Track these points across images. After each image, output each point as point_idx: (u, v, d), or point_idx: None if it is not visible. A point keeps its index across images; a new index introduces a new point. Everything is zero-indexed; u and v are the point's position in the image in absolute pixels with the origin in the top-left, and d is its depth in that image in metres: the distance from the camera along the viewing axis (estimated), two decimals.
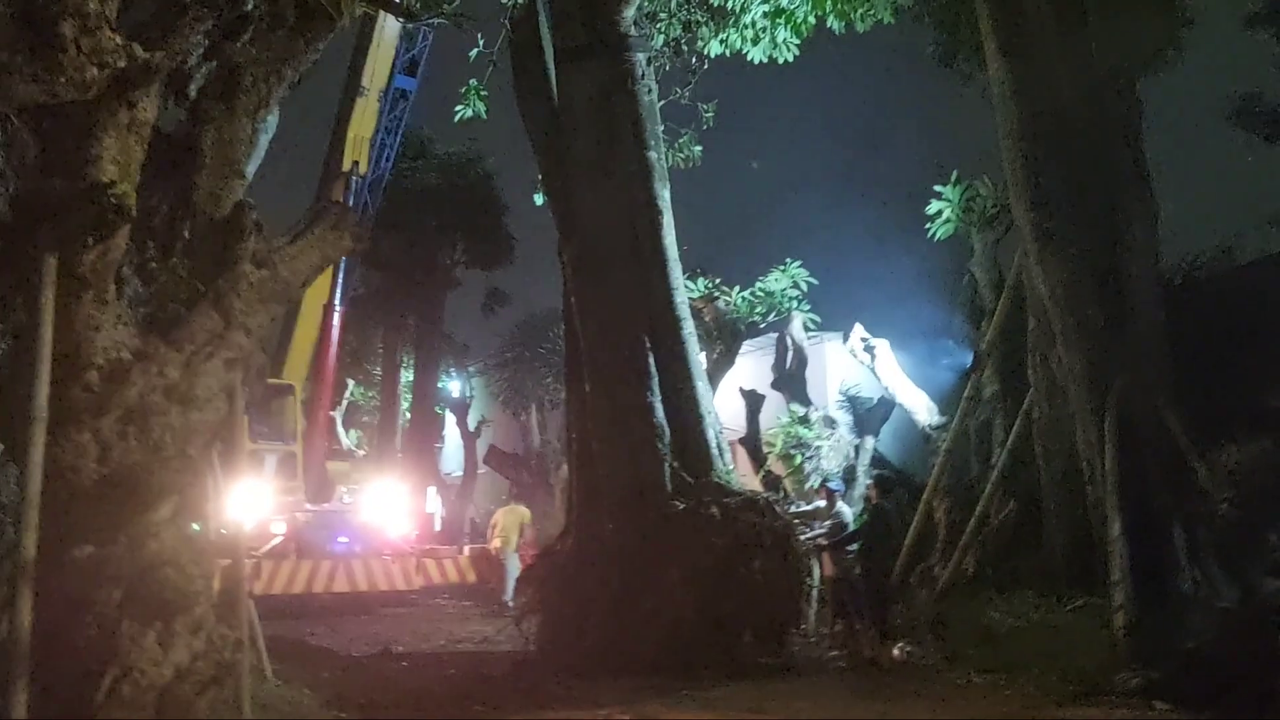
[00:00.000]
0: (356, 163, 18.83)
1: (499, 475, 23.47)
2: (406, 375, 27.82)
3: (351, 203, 18.28)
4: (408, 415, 27.16)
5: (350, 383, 29.00)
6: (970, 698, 8.14)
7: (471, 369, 27.61)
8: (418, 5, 11.41)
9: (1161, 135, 11.31)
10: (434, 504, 24.41)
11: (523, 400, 25.71)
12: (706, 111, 14.49)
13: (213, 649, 4.48)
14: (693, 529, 10.93)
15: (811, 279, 15.02)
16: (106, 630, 4.13)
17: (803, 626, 11.17)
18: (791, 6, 11.60)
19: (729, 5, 12.23)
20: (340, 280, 19.19)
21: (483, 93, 13.05)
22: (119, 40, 3.55)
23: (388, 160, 19.90)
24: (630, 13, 12.40)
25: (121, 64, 3.54)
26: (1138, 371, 9.72)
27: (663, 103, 14.23)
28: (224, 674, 4.49)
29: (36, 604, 3.80)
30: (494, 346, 27.86)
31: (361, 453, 27.09)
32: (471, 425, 24.88)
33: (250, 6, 4.44)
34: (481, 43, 12.28)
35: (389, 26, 18.87)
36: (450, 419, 27.67)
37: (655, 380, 12.23)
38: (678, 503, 11.27)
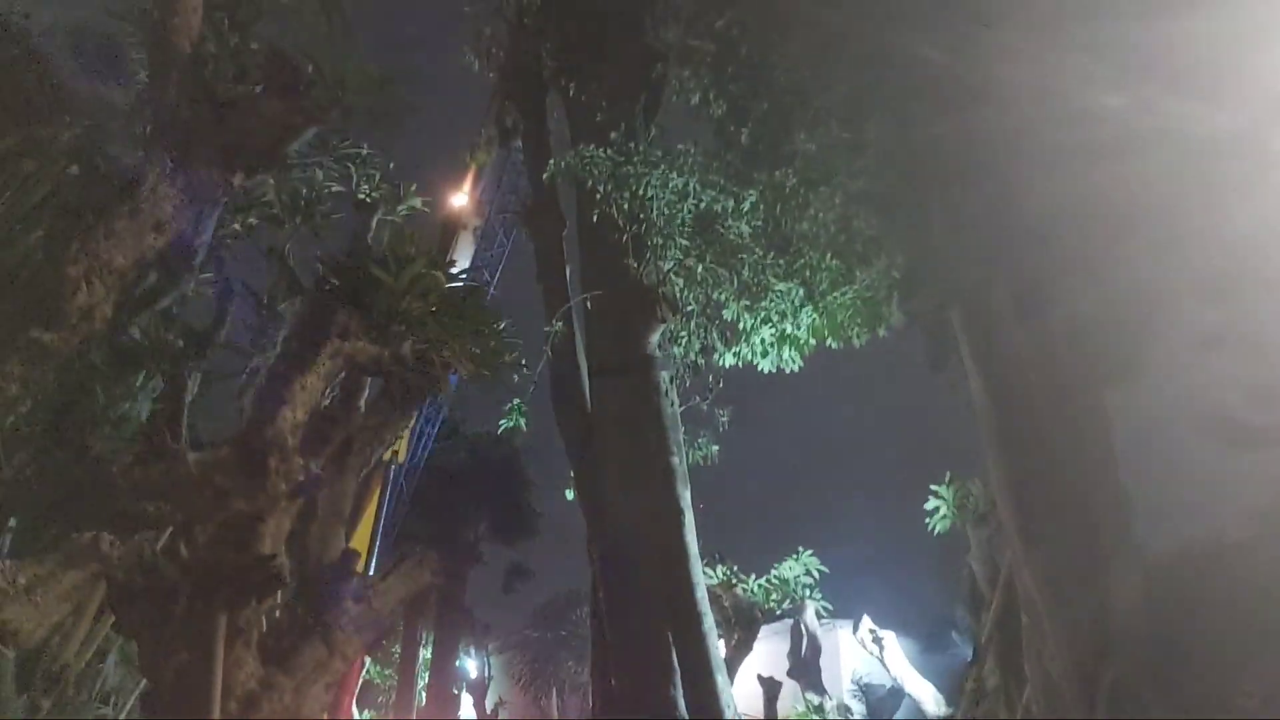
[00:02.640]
0: (396, 452, 20.24)
1: None
2: (425, 653, 27.94)
3: (389, 490, 19.55)
4: (424, 696, 27.03)
5: (367, 660, 29.09)
6: None
7: (490, 648, 27.76)
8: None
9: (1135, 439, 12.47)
10: None
11: (543, 683, 25.73)
12: (723, 416, 16.16)
13: None
14: None
15: (823, 567, 15.94)
16: None
17: None
18: (794, 332, 13.27)
19: (741, 327, 14.01)
20: (373, 564, 20.03)
21: (524, 409, 14.72)
22: (301, 462, 4.82)
23: (424, 449, 21.36)
24: (656, 337, 14.31)
25: (301, 479, 4.80)
26: (1124, 666, 10.35)
27: (683, 408, 15.95)
28: None
29: None
30: (514, 625, 28.17)
31: None
32: (489, 707, 24.80)
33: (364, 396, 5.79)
34: (525, 365, 14.04)
35: None
36: (467, 700, 27.49)
37: (677, 675, 13.00)
38: None
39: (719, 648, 13.74)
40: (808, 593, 15.54)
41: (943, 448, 15.42)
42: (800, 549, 16.06)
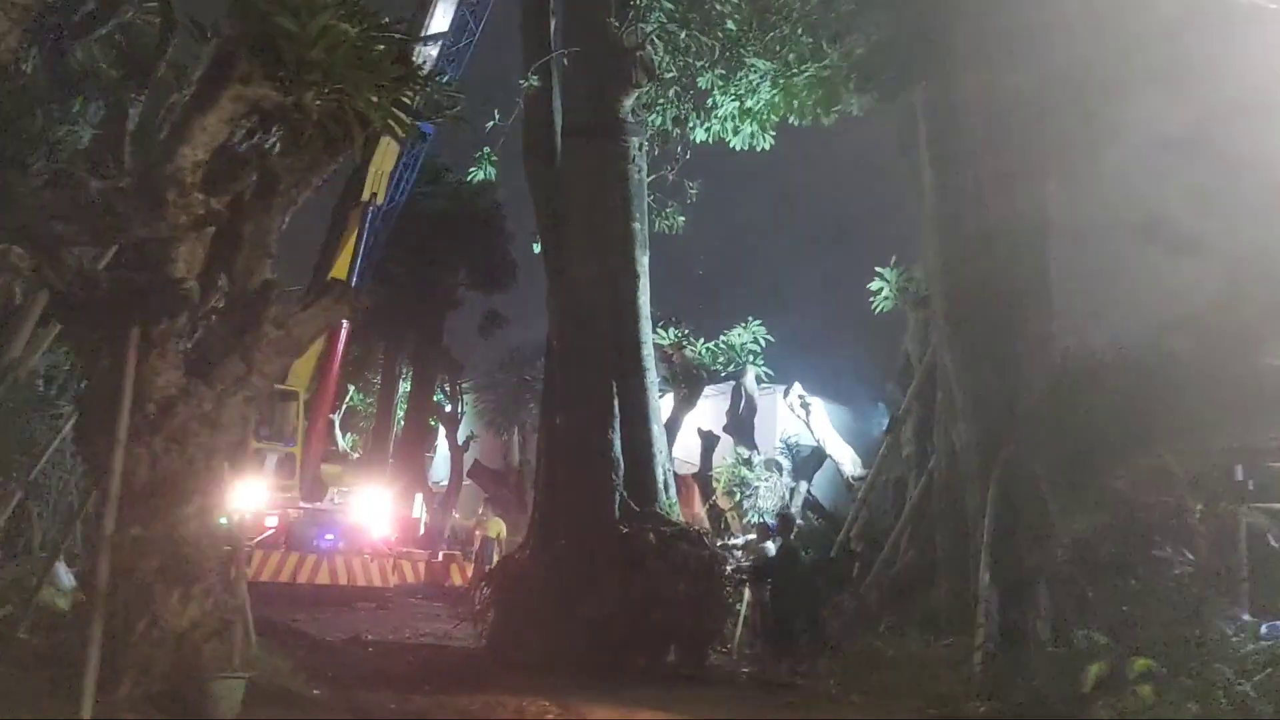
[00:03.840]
0: (375, 194, 20.54)
1: (480, 488, 25.11)
2: (405, 386, 29.48)
3: (365, 229, 20.06)
4: (402, 424, 28.79)
5: (351, 388, 30.76)
6: (839, 711, 9.67)
7: (464, 386, 29.25)
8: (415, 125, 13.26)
9: (1072, 239, 12.83)
10: (420, 510, 26.06)
11: (506, 421, 27.37)
12: (691, 188, 16.42)
13: (217, 610, 6.12)
14: (631, 551, 12.64)
15: (769, 337, 16.77)
16: (145, 589, 5.76)
17: (727, 645, 12.74)
18: (756, 107, 13.27)
19: (710, 101, 14.00)
20: None
21: (493, 159, 14.91)
22: (200, 197, 5.21)
23: (403, 193, 21.63)
24: (630, 102, 14.32)
25: (201, 212, 5.20)
26: (1021, 445, 11.28)
27: (653, 177, 16.18)
28: (224, 629, 6.13)
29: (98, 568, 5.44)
30: (488, 367, 29.56)
31: (355, 455, 28.80)
32: (460, 440, 26.52)
33: (273, 141, 6.12)
34: (497, 116, 14.10)
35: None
36: (442, 431, 29.31)
37: (617, 420, 14.00)
38: (622, 527, 12.99)
39: (658, 400, 14.71)
40: (751, 359, 16.42)
41: (898, 235, 15.78)
42: (750, 318, 16.85)
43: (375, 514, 19.57)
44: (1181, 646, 8.49)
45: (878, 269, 14.68)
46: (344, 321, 20.72)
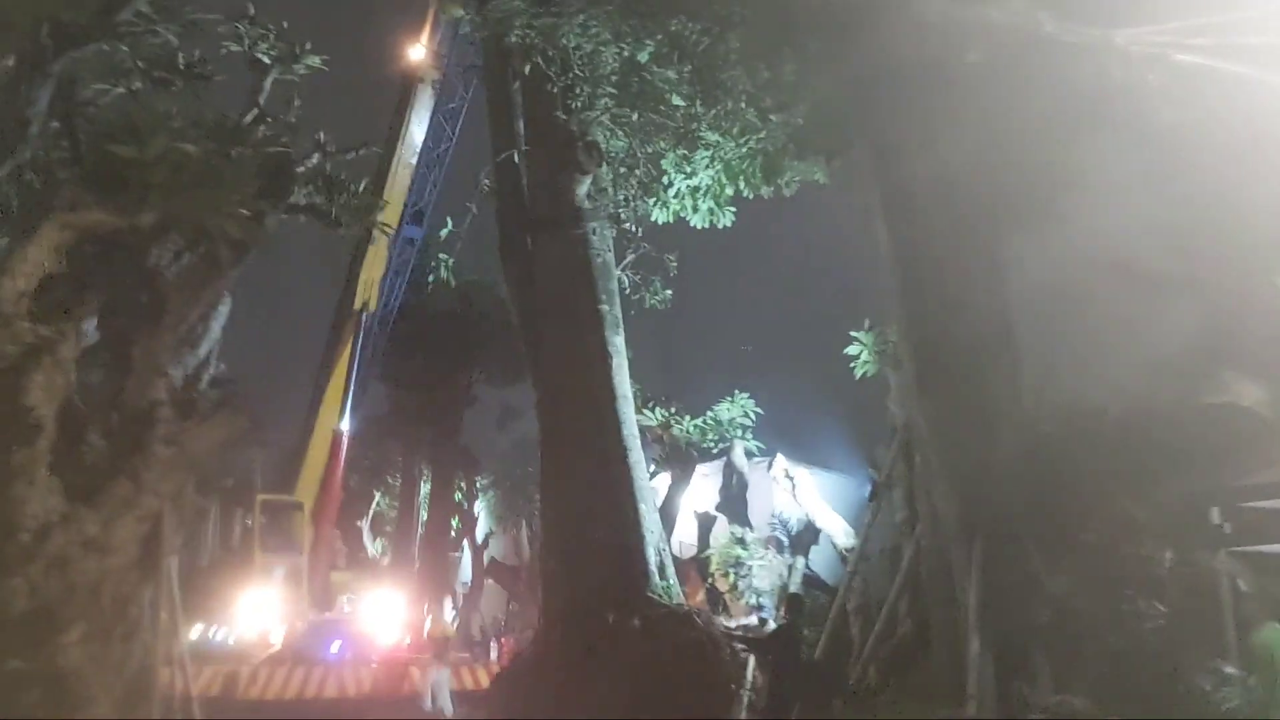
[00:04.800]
0: (366, 302, 20.95)
1: (500, 586, 24.83)
2: (426, 487, 29.51)
3: (361, 338, 20.41)
4: (424, 525, 28.74)
5: (376, 494, 31.02)
6: None
7: (481, 482, 29.21)
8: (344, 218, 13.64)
9: (1036, 288, 12.59)
10: (449, 613, 25.82)
11: (514, 516, 27.19)
12: (672, 262, 16.57)
13: None
14: (622, 637, 12.47)
15: (758, 409, 16.54)
16: None
17: None
18: (704, 184, 13.37)
19: (660, 182, 14.17)
20: (347, 407, 21.06)
21: (449, 263, 15.32)
22: (28, 325, 5.32)
23: (396, 298, 22.04)
24: (582, 190, 14.61)
25: (30, 340, 5.31)
26: (1001, 505, 10.89)
27: (633, 256, 16.35)
28: None
29: None
30: (504, 462, 29.49)
31: (385, 559, 28.87)
32: (480, 537, 26.37)
33: (152, 260, 6.23)
34: (450, 225, 14.52)
35: (399, 181, 21.22)
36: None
37: (602, 506, 13.95)
38: (609, 616, 12.84)
39: (647, 482, 14.56)
40: (740, 433, 16.19)
41: (874, 297, 15.60)
42: (736, 391, 16.65)
43: (385, 620, 19.38)
44: (1164, 706, 8.03)
45: (853, 333, 14.48)
46: (343, 430, 20.96)
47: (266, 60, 11.17)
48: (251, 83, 11.15)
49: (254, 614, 17.24)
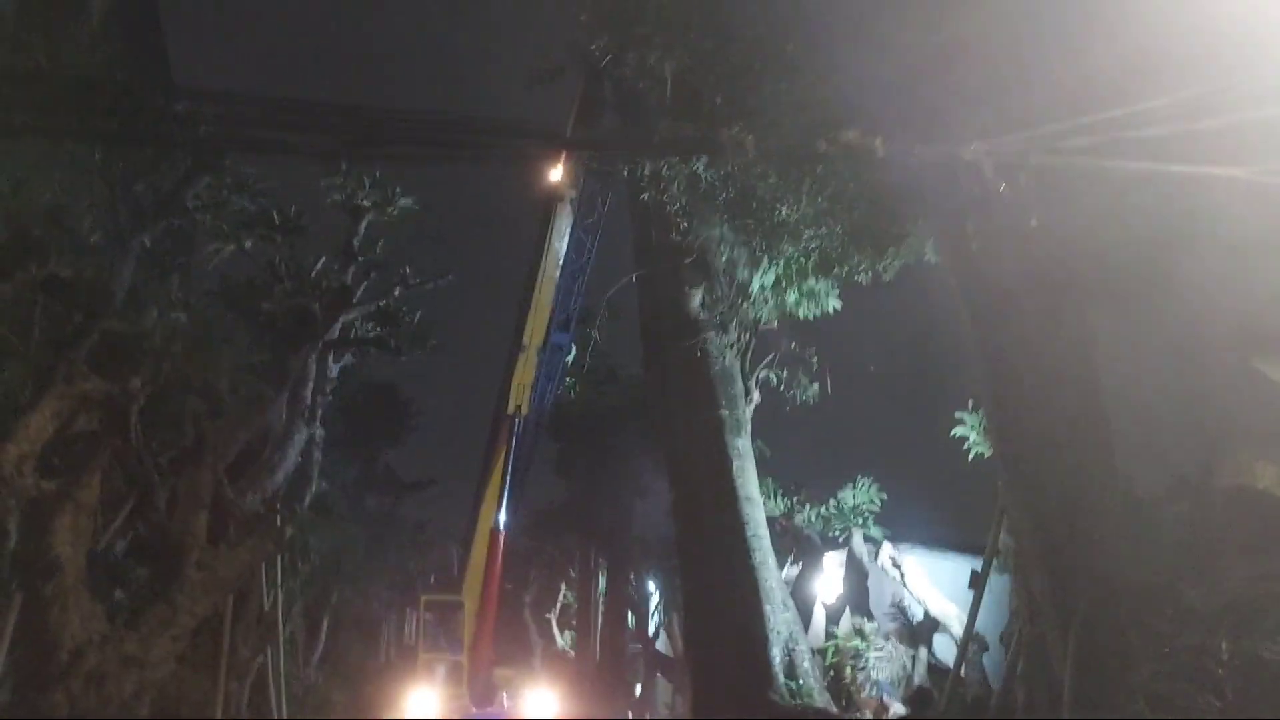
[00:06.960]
0: (519, 406, 22.11)
1: (666, 680, 24.87)
2: (603, 579, 30.25)
3: (515, 440, 21.56)
4: (602, 618, 29.36)
5: (563, 587, 32.17)
6: None
7: (653, 572, 29.61)
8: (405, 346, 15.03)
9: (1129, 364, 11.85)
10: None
11: (673, 607, 27.22)
12: (813, 358, 16.86)
13: None
14: None
15: (883, 494, 16.14)
16: None
17: None
18: (773, 280, 13.63)
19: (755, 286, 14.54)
20: (503, 505, 22.10)
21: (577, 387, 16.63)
22: (32, 480, 6.41)
23: (549, 402, 23.10)
24: (695, 302, 15.69)
25: (33, 494, 6.39)
26: (1095, 591, 10.19)
27: (771, 356, 16.81)
28: None
29: None
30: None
31: (571, 652, 29.75)
32: (651, 630, 26.63)
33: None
34: (575, 350, 15.73)
35: (545, 291, 22.47)
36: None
37: (729, 607, 14.52)
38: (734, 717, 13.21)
39: (774, 581, 14.67)
40: (863, 520, 15.81)
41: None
42: (859, 477, 16.32)
43: (543, 715, 19.91)
44: None
45: (958, 413, 13.95)
46: (500, 531, 21.98)
47: (366, 205, 12.61)
48: (348, 226, 12.61)
49: (417, 710, 18.37)
